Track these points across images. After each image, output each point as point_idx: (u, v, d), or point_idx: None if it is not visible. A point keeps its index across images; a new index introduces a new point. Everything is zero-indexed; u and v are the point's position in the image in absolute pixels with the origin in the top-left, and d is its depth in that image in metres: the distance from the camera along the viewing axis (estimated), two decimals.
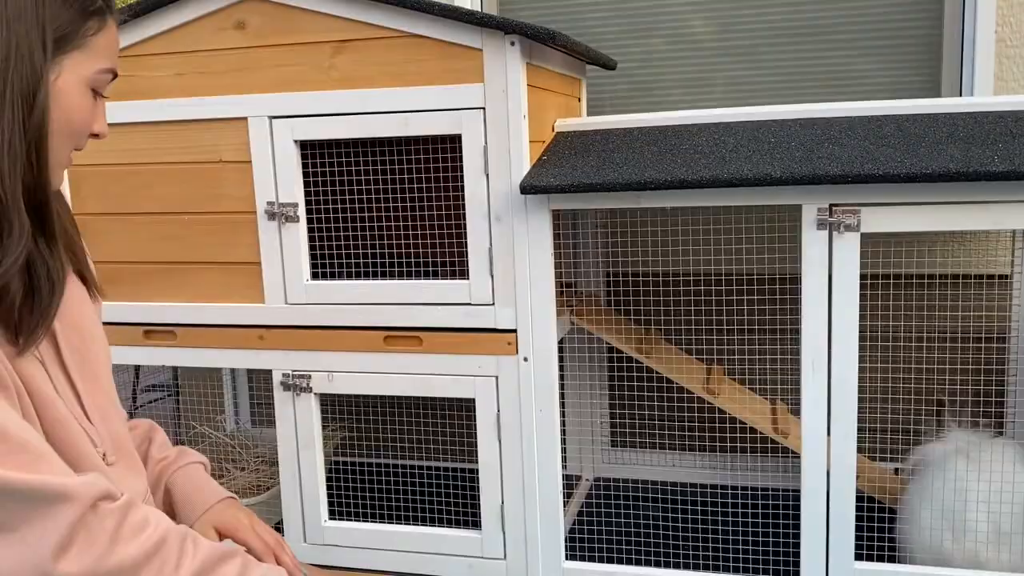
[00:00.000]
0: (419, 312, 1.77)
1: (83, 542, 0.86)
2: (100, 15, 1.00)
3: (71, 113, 0.98)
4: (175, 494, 1.24)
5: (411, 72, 1.69)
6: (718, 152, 1.66)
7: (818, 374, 1.62)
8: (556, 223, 1.71)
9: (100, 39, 1.00)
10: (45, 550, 0.84)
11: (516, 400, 1.76)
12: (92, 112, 1.02)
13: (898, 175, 1.47)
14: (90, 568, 0.86)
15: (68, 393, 1.06)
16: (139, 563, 0.90)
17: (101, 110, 1.04)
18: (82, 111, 1.00)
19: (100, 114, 1.04)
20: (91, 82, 1.00)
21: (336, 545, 1.91)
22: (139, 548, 0.90)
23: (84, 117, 1.00)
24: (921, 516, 1.70)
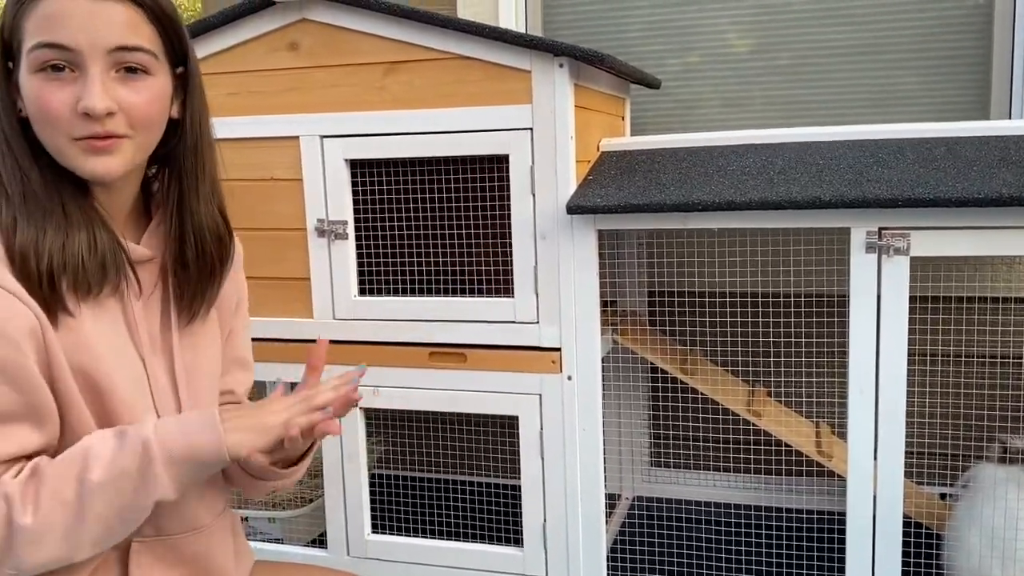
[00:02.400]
0: (464, 329, 1.79)
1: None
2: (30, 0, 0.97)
3: (32, 105, 0.98)
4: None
5: (460, 93, 1.72)
6: (766, 173, 1.66)
7: (865, 397, 1.61)
8: (600, 240, 1.71)
9: (31, 23, 0.97)
10: None
11: (559, 418, 1.77)
12: (51, 95, 0.97)
13: (949, 199, 1.46)
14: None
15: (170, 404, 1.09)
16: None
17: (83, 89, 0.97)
18: (37, 100, 0.97)
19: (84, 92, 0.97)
20: (30, 67, 0.97)
21: (379, 559, 1.92)
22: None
23: (43, 104, 0.97)
24: (969, 542, 1.68)
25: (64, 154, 0.99)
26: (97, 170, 1.00)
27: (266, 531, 2.13)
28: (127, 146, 1.01)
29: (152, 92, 1.02)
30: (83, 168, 0.99)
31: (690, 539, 2.08)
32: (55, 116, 0.97)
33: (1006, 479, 1.69)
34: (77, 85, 0.97)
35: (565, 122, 1.67)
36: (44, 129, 0.98)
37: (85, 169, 1.00)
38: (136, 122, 1.01)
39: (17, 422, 0.94)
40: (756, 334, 2.26)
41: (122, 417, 1.02)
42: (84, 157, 0.99)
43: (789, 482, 2.23)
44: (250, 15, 1.82)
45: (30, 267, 0.95)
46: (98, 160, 0.99)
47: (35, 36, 0.96)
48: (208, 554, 1.16)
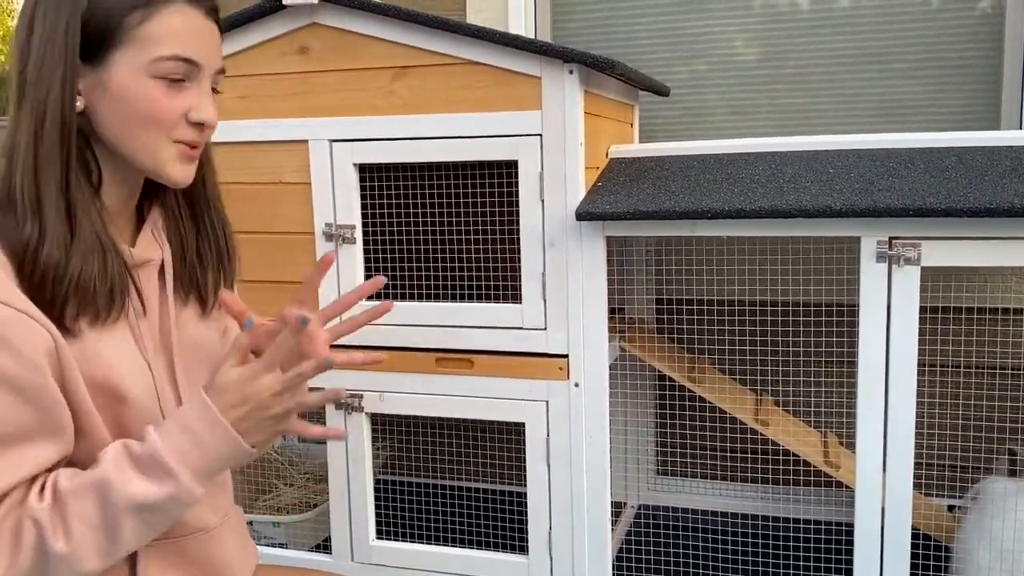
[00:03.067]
0: (471, 335, 1.79)
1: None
2: (146, 6, 1.00)
3: (134, 106, 1.00)
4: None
5: (470, 98, 1.71)
6: (775, 182, 1.65)
7: (874, 408, 1.60)
8: (608, 247, 1.71)
9: (148, 29, 0.99)
10: None
11: (566, 425, 1.76)
12: (168, 100, 1.01)
13: (961, 209, 1.46)
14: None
15: (172, 404, 1.10)
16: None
17: (196, 98, 1.04)
18: (148, 100, 1.00)
19: (198, 103, 1.04)
20: (149, 71, 1.00)
21: (383, 565, 1.92)
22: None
23: (153, 107, 1.01)
24: (978, 556, 1.66)
25: (157, 155, 1.02)
26: (184, 176, 1.06)
27: (270, 535, 2.12)
28: (199, 154, 1.08)
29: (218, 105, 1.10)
30: (171, 173, 1.04)
31: (695, 548, 2.07)
32: (169, 119, 1.02)
33: (1016, 492, 1.68)
34: (189, 95, 1.03)
35: (575, 128, 1.67)
36: (144, 130, 1.01)
37: (173, 174, 1.04)
38: (210, 132, 1.08)
39: (37, 440, 0.94)
40: (764, 343, 2.25)
41: (134, 424, 1.03)
42: (177, 163, 1.04)
43: (796, 492, 2.22)
44: (260, 19, 1.82)
45: (46, 291, 0.96)
46: (186, 168, 1.06)
47: (165, 47, 1.00)
48: (215, 555, 1.17)
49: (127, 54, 0.99)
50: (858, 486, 1.63)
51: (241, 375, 0.98)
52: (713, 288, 2.23)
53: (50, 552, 0.92)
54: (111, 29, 0.99)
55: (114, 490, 0.93)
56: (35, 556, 0.92)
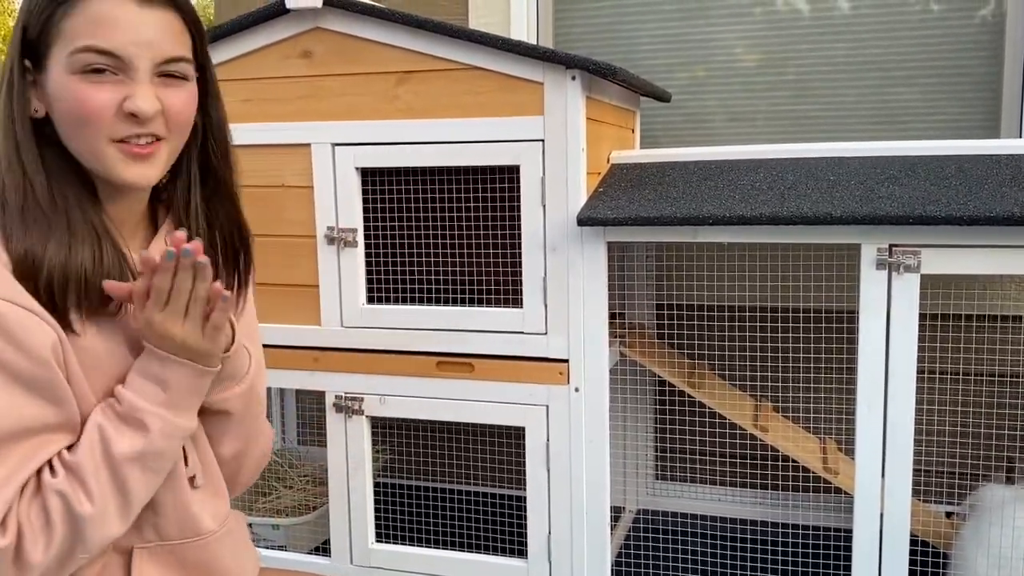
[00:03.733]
0: (472, 339, 1.79)
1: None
2: (67, 1, 0.97)
3: (65, 106, 0.97)
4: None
5: (472, 103, 1.72)
6: (776, 189, 1.66)
7: (874, 414, 1.60)
8: (608, 252, 1.72)
9: (70, 23, 0.96)
10: None
11: (566, 430, 1.77)
12: (94, 96, 0.96)
13: (960, 217, 1.46)
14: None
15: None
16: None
17: (131, 90, 0.97)
18: (73, 100, 0.96)
19: (132, 92, 0.97)
20: (69, 68, 0.97)
21: (382, 568, 1.92)
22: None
23: (79, 105, 0.96)
24: (976, 563, 1.67)
25: (100, 157, 0.98)
26: (135, 177, 0.99)
27: (270, 538, 2.12)
28: (163, 151, 1.01)
29: (189, 95, 1.03)
30: (120, 174, 0.99)
31: (694, 553, 2.07)
32: (96, 116, 0.97)
33: (1013, 499, 1.69)
34: (122, 87, 0.96)
35: (577, 134, 1.67)
36: (80, 130, 0.97)
37: (123, 175, 0.99)
38: (174, 125, 1.01)
39: (49, 433, 0.95)
40: (764, 349, 2.26)
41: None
42: (124, 163, 0.98)
43: (795, 498, 2.22)
44: (264, 23, 1.83)
45: (31, 282, 0.95)
46: (137, 167, 0.99)
47: (80, 39, 0.96)
48: (213, 561, 1.16)
49: (56, 54, 0.97)
50: (857, 492, 1.64)
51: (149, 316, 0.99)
52: (713, 294, 2.24)
53: (78, 516, 0.93)
54: (42, 32, 0.98)
55: (111, 447, 0.96)
56: (66, 526, 0.94)
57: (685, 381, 2.00)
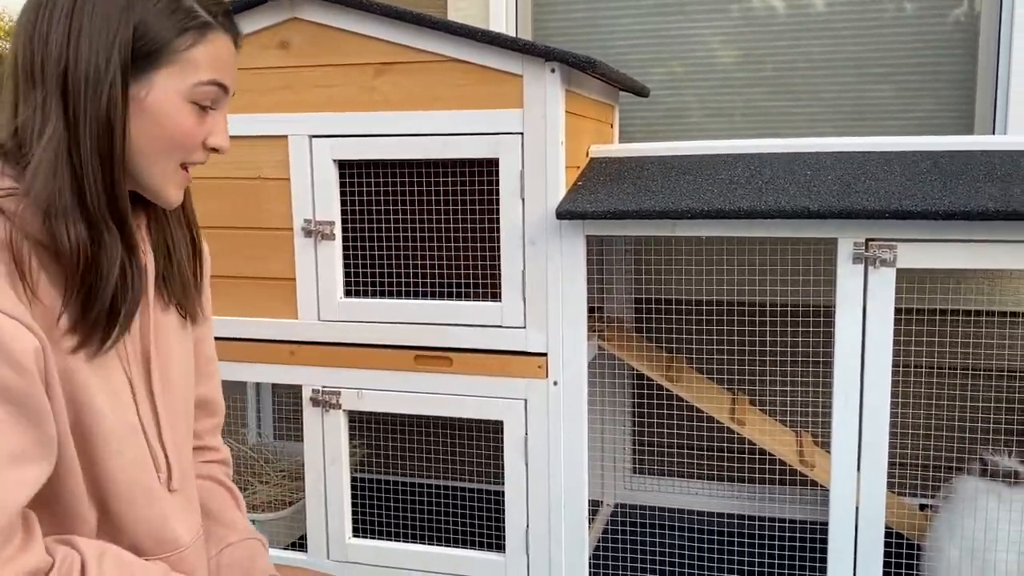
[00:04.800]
0: (450, 333, 1.78)
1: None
2: (198, 30, 1.00)
3: (166, 128, 0.99)
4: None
5: (451, 96, 1.71)
6: (754, 183, 1.67)
7: (850, 408, 1.61)
8: (587, 246, 1.71)
9: (196, 53, 0.99)
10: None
11: (544, 424, 1.76)
12: (197, 126, 1.01)
13: (936, 212, 1.48)
14: None
15: (150, 418, 1.08)
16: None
17: (216, 124, 1.04)
18: (180, 125, 1.00)
19: (216, 128, 1.04)
20: (188, 95, 1.00)
21: (359, 563, 1.91)
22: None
23: (184, 131, 1.00)
24: (949, 554, 1.69)
25: (165, 178, 1.02)
26: (178, 199, 1.06)
27: None
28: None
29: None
30: (170, 196, 1.04)
31: (671, 547, 2.08)
32: (191, 144, 1.02)
33: (986, 491, 1.70)
34: (209, 121, 1.03)
35: (556, 127, 1.67)
36: (164, 151, 1.00)
37: (171, 198, 1.04)
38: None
39: (33, 461, 0.91)
40: (741, 344, 2.27)
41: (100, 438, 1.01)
42: (177, 187, 1.04)
43: (771, 491, 2.24)
44: (241, 12, 1.81)
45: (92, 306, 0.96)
46: (181, 190, 1.06)
47: (207, 72, 1.00)
48: (191, 573, 1.15)
49: (169, 74, 0.98)
50: (832, 485, 1.65)
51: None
52: (691, 289, 2.25)
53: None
54: (159, 47, 0.97)
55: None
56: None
57: (662, 375, 2.01)
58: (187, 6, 0.99)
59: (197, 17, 1.00)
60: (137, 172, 1.01)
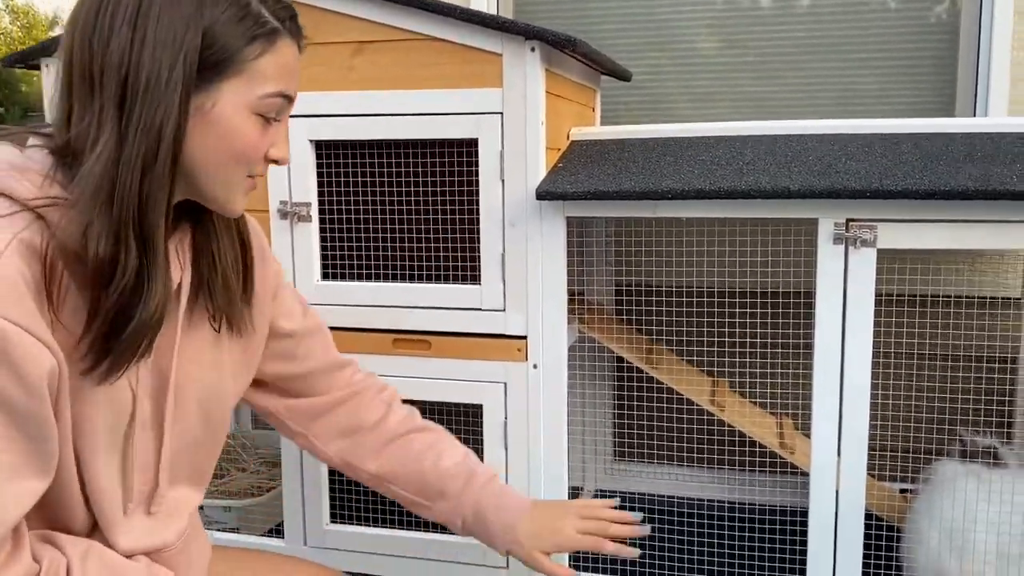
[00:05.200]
0: (429, 316, 1.76)
1: None
2: (267, 38, 0.96)
3: (231, 141, 0.96)
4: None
5: (430, 75, 1.69)
6: (735, 164, 1.66)
7: (830, 390, 1.61)
8: (568, 228, 1.70)
9: (265, 62, 0.95)
10: None
11: (524, 408, 1.75)
12: (261, 137, 0.98)
13: (917, 191, 1.47)
14: None
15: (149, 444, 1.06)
16: None
17: (278, 135, 1.01)
18: (245, 138, 0.96)
19: (278, 139, 1.01)
20: (254, 108, 0.96)
21: (337, 549, 1.89)
22: None
23: (249, 144, 0.97)
24: (929, 536, 1.69)
25: (231, 189, 0.99)
26: (242, 209, 1.03)
27: (221, 520, 2.08)
28: None
29: None
30: (236, 205, 1.01)
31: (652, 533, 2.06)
32: (255, 157, 0.99)
33: (965, 474, 1.70)
34: (271, 132, 1.00)
35: (536, 107, 1.65)
36: (228, 163, 0.97)
37: (236, 206, 1.02)
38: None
39: (32, 477, 0.89)
40: (721, 330, 2.26)
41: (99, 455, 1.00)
42: (243, 197, 1.02)
43: (752, 478, 2.23)
44: None
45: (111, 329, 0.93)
46: (245, 200, 1.03)
47: (274, 83, 0.97)
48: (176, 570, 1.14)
49: (238, 85, 0.94)
50: (812, 470, 1.65)
51: None
52: (672, 274, 2.24)
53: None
54: (228, 56, 0.93)
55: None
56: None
57: (643, 358, 2.00)
58: (256, 12, 0.95)
59: (266, 24, 0.96)
60: (201, 184, 0.97)
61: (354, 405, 1.40)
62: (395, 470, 1.38)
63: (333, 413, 1.39)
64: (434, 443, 1.40)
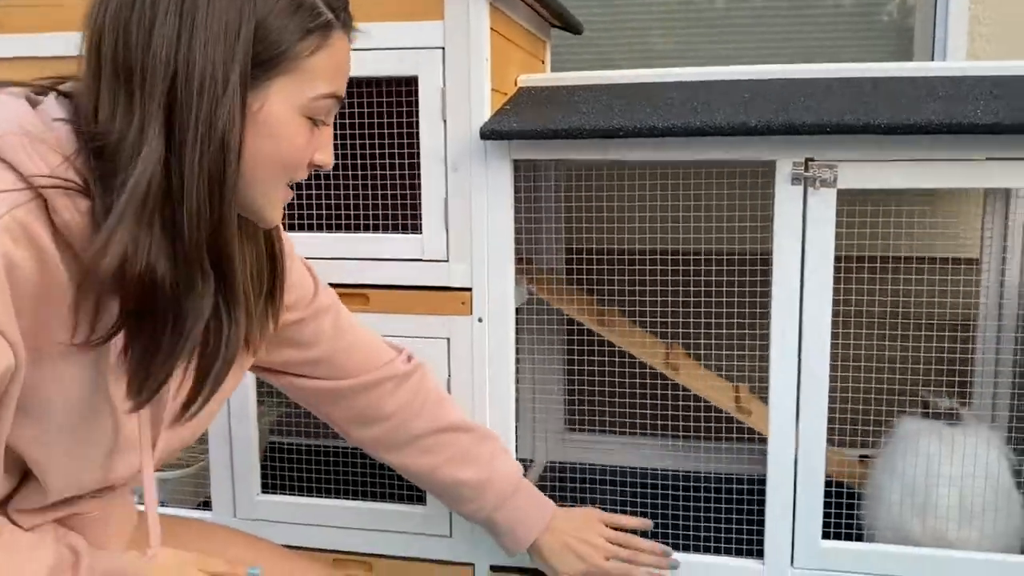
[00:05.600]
0: (367, 268, 1.65)
1: None
2: (323, 31, 0.87)
3: (280, 145, 0.87)
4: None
5: (364, 5, 1.57)
6: (690, 104, 1.57)
7: (788, 342, 1.53)
8: (516, 173, 1.60)
9: (319, 60, 0.87)
10: None
11: (468, 364, 1.64)
12: (308, 142, 0.89)
13: (879, 126, 1.40)
14: None
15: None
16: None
17: (324, 139, 0.92)
18: (294, 142, 0.88)
19: (323, 143, 0.92)
20: (304, 110, 0.87)
21: (268, 520, 1.76)
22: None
23: (297, 148, 0.88)
24: (890, 496, 1.62)
25: (270, 198, 0.91)
26: (279, 218, 0.96)
27: None
28: None
29: None
30: (273, 214, 0.93)
31: (605, 505, 1.97)
32: (301, 163, 0.91)
33: (928, 430, 1.64)
34: (317, 136, 0.92)
35: (480, 42, 1.55)
36: (275, 168, 0.88)
37: (274, 216, 0.93)
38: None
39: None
40: (676, 294, 2.18)
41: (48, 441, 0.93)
42: (280, 206, 0.94)
43: (708, 446, 2.15)
44: None
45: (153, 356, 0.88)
46: (282, 209, 0.96)
47: (326, 83, 0.88)
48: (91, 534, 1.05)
49: (288, 84, 0.85)
50: (771, 434, 1.57)
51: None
52: (624, 237, 2.16)
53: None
54: (280, 52, 0.84)
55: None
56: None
57: (595, 320, 1.91)
58: (310, 3, 0.85)
59: (321, 15, 0.86)
60: (240, 194, 0.87)
61: (377, 395, 1.36)
62: (409, 470, 1.43)
63: (350, 399, 1.35)
64: (461, 451, 1.42)
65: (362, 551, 1.73)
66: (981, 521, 1.53)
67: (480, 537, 1.66)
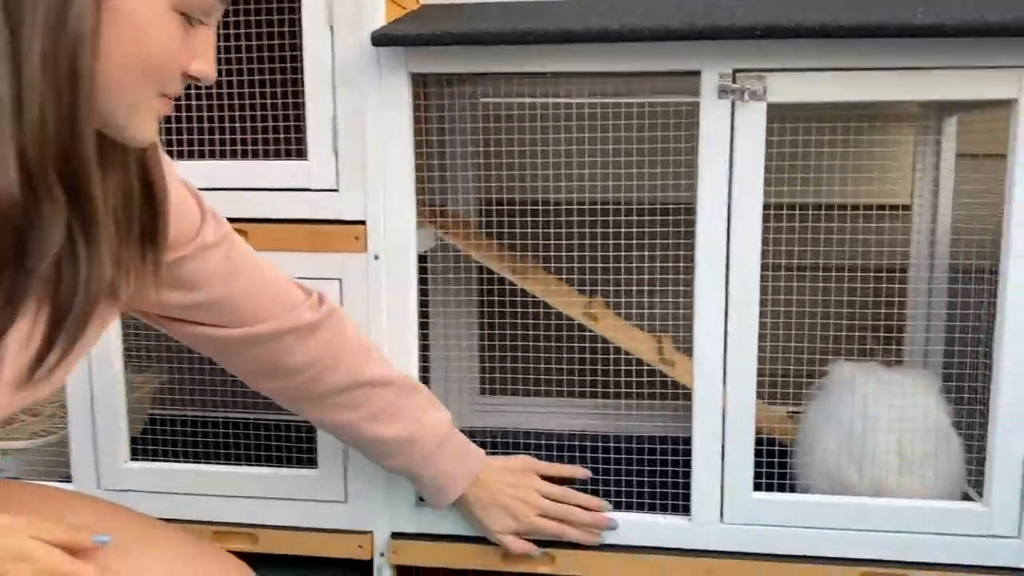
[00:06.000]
0: (246, 200, 1.46)
1: None
2: None
3: (145, 44, 0.75)
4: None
5: None
6: (609, 12, 1.43)
7: (715, 271, 1.40)
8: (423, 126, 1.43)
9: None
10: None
11: (364, 308, 1.46)
12: (181, 43, 0.78)
13: (812, 28, 1.27)
14: None
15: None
16: None
17: (202, 43, 0.81)
18: (162, 40, 0.76)
19: (200, 48, 0.81)
20: (175, 3, 0.77)
21: (137, 490, 1.55)
22: None
23: (166, 50, 0.77)
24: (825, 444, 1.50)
25: (136, 111, 0.79)
26: (151, 136, 0.84)
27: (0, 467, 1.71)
28: None
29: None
30: (143, 131, 0.81)
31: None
32: (171, 69, 0.79)
33: (863, 372, 1.52)
34: (194, 40, 0.80)
35: None
36: (139, 75, 0.76)
37: (143, 133, 0.81)
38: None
39: None
40: (595, 247, 2.03)
41: None
42: (151, 122, 0.82)
43: (630, 407, 2.01)
44: None
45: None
46: (155, 127, 0.83)
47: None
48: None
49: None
50: (695, 387, 1.43)
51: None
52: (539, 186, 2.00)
53: None
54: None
55: None
56: None
57: (510, 268, 1.75)
58: None
59: None
60: (98, 103, 0.75)
61: (282, 347, 1.21)
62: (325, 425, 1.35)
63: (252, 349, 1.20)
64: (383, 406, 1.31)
65: (246, 522, 1.53)
66: (921, 467, 1.42)
67: (380, 499, 1.48)
